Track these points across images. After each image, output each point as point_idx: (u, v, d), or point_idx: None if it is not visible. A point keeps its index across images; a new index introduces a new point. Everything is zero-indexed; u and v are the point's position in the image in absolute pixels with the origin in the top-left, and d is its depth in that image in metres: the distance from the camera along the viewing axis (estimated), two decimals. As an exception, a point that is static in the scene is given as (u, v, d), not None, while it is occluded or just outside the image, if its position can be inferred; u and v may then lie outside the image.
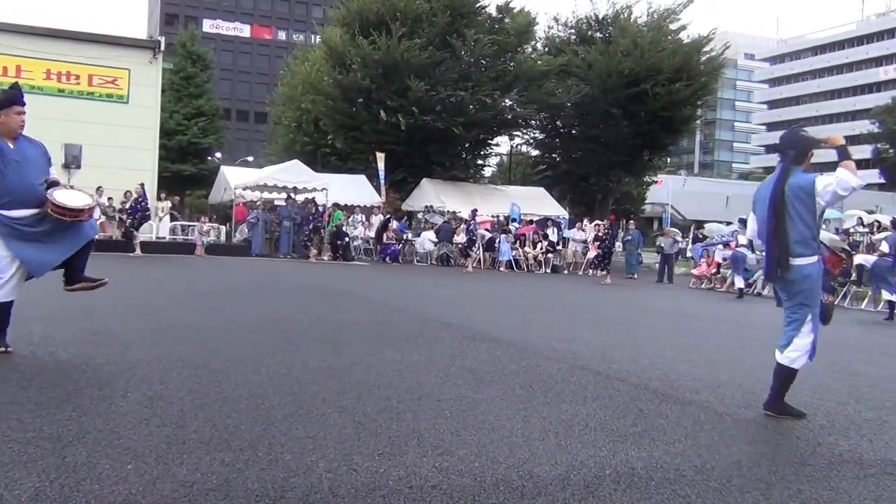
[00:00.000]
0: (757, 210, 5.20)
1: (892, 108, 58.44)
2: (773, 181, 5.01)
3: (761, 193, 5.15)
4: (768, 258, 5.00)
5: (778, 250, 4.90)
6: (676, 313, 13.18)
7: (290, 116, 41.32)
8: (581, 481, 3.42)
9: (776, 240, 4.91)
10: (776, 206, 4.90)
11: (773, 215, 4.91)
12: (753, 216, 5.33)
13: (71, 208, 5.39)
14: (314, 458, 3.51)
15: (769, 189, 5.01)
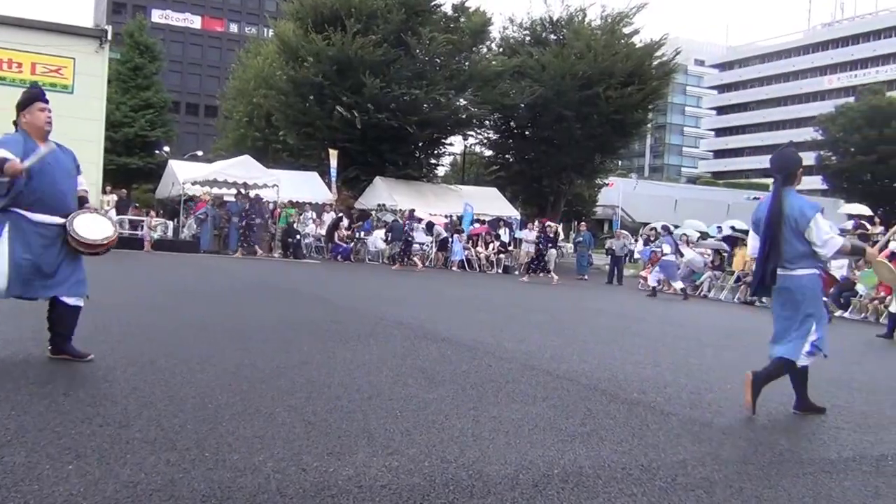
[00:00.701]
0: (758, 227, 5.44)
1: (836, 117, 59.82)
2: (769, 202, 5.26)
3: (760, 214, 5.40)
4: (758, 273, 5.28)
5: (767, 267, 5.18)
6: (625, 315, 13.33)
7: (242, 111, 40.91)
8: (530, 480, 3.44)
9: (768, 257, 5.18)
10: (773, 226, 5.16)
11: (768, 234, 5.18)
12: (753, 234, 5.57)
13: (89, 244, 5.23)
14: (262, 457, 3.47)
15: (766, 209, 5.27)
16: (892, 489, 3.81)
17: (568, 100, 31.29)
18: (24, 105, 5.23)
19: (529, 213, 35.16)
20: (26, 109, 5.21)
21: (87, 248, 5.22)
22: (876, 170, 55.06)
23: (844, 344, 11.28)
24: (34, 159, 4.94)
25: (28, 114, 5.20)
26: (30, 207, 5.07)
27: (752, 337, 11.22)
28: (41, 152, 5.00)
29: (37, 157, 4.96)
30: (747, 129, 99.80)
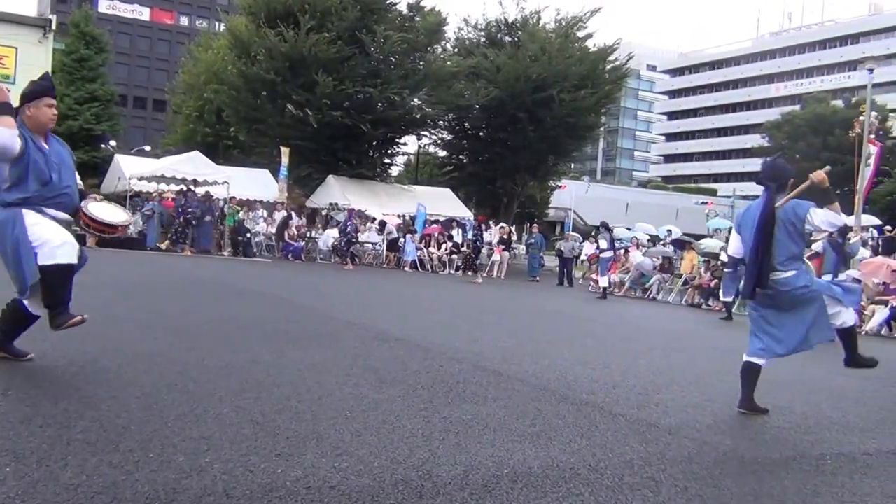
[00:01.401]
0: (743, 232, 5.65)
1: (782, 124, 61.10)
2: (761, 208, 5.47)
3: (747, 218, 5.64)
4: (749, 276, 5.48)
5: (759, 270, 5.38)
6: (576, 316, 13.46)
7: (191, 106, 40.32)
8: (479, 481, 3.45)
9: (759, 261, 5.38)
10: (765, 231, 5.37)
11: (761, 239, 5.37)
12: (738, 236, 5.78)
13: (109, 224, 4.98)
14: (209, 458, 3.42)
15: (757, 214, 5.48)
16: (831, 488, 3.91)
17: (522, 102, 31.45)
18: (32, 97, 4.78)
19: (484, 213, 35.27)
20: (32, 102, 4.76)
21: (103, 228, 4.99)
22: (820, 177, 56.42)
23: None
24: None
25: (34, 107, 4.76)
26: (48, 206, 4.77)
27: (700, 339, 11.42)
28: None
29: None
30: (697, 134, 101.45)
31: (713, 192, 72.24)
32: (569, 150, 36.77)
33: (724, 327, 14.01)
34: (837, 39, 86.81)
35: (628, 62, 35.67)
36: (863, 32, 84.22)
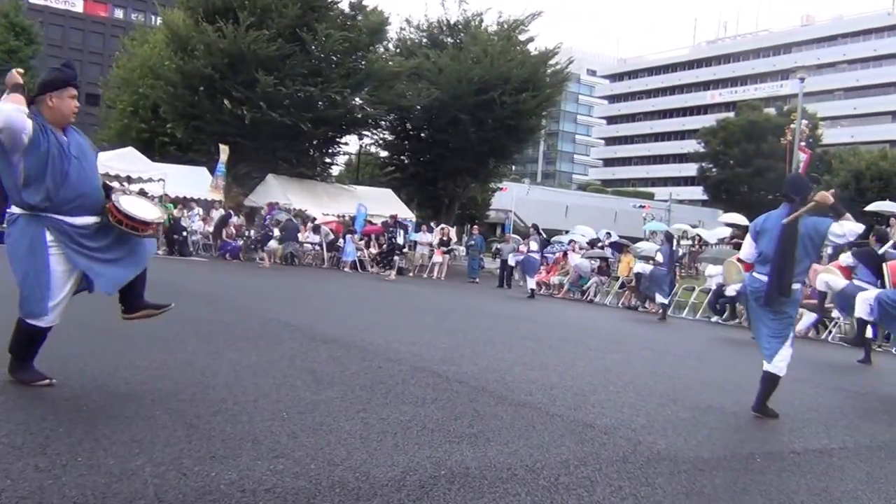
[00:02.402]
0: (762, 240, 5.96)
1: (717, 131, 62.40)
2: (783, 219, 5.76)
3: (768, 226, 5.95)
4: (771, 285, 5.74)
5: (783, 279, 5.69)
6: (515, 318, 13.54)
7: (126, 101, 39.37)
8: (416, 482, 3.44)
9: (785, 271, 5.69)
10: (788, 243, 5.70)
11: (785, 251, 5.70)
12: (752, 242, 6.10)
13: (142, 220, 4.66)
14: (140, 462, 3.34)
15: (778, 225, 5.78)
16: (759, 485, 4.01)
17: (464, 103, 31.56)
18: (54, 86, 4.43)
19: (424, 215, 35.29)
20: (55, 92, 4.41)
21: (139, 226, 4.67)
22: (752, 182, 57.76)
23: (719, 348, 11.80)
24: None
25: (56, 97, 4.42)
26: (70, 212, 4.39)
27: (635, 341, 11.60)
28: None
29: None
30: (635, 139, 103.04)
31: (650, 196, 73.49)
32: (510, 152, 37.05)
33: (660, 329, 14.25)
34: (771, 49, 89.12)
35: (569, 66, 36.12)
36: (795, 42, 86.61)
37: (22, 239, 4.34)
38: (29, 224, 4.35)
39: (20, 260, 4.36)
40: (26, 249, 4.33)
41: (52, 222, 4.35)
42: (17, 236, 4.37)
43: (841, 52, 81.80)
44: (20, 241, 4.35)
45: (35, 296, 4.38)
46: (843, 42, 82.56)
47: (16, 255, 4.37)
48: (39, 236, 4.34)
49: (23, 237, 4.34)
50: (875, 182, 49.74)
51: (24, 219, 4.36)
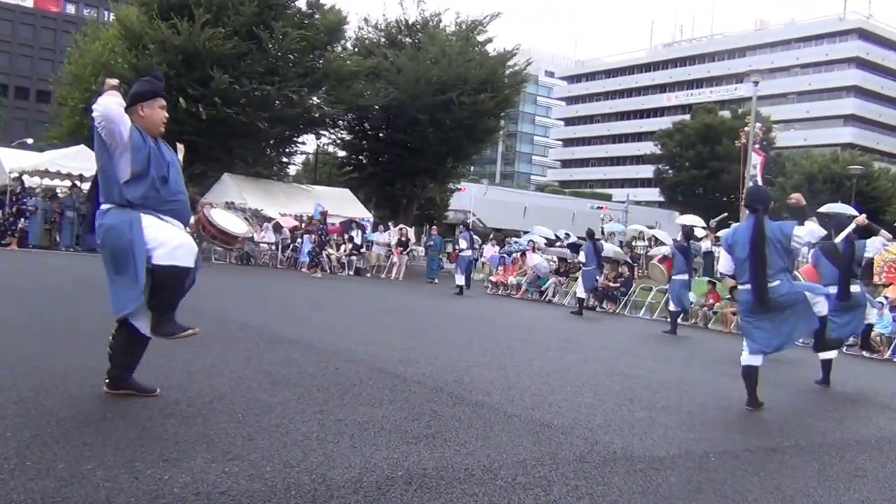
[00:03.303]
0: (736, 251, 6.47)
1: (673, 133, 63.09)
2: (751, 229, 6.30)
3: (738, 238, 6.46)
4: (756, 289, 6.24)
5: (760, 283, 6.21)
6: (474, 318, 13.57)
7: (78, 98, 38.56)
8: (373, 483, 3.43)
9: (759, 275, 6.21)
10: (758, 248, 6.22)
11: (756, 257, 6.22)
12: (728, 256, 6.61)
13: (231, 234, 4.56)
14: (91, 465, 3.28)
15: (748, 236, 6.31)
16: (714, 484, 4.06)
17: (422, 104, 31.53)
18: (145, 97, 4.51)
19: (382, 215, 35.18)
20: (146, 102, 4.50)
21: (225, 238, 4.59)
22: (708, 184, 58.53)
23: (676, 348, 11.94)
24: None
25: (147, 108, 4.50)
26: (166, 212, 4.46)
27: (594, 340, 11.69)
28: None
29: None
30: (593, 140, 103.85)
31: (608, 198, 74.10)
32: (468, 152, 37.08)
33: (618, 329, 14.38)
34: (726, 52, 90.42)
35: (527, 67, 36.24)
36: (749, 46, 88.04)
37: (122, 223, 4.32)
38: (125, 211, 4.35)
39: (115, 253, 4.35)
40: (125, 235, 4.31)
41: (149, 212, 4.39)
42: (113, 222, 4.34)
43: (794, 57, 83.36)
44: (118, 228, 4.32)
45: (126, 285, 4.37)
46: (796, 46, 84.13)
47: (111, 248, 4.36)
48: (136, 219, 4.34)
49: (122, 221, 4.32)
50: (827, 184, 50.84)
51: (117, 208, 4.36)
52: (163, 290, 4.44)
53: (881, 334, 13.49)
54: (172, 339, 4.62)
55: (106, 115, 4.22)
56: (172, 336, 4.57)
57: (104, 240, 4.38)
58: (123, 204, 4.35)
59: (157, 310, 4.51)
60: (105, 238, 4.37)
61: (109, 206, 4.39)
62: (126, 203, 4.35)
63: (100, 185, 4.45)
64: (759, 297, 6.24)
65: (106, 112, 4.22)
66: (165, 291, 4.45)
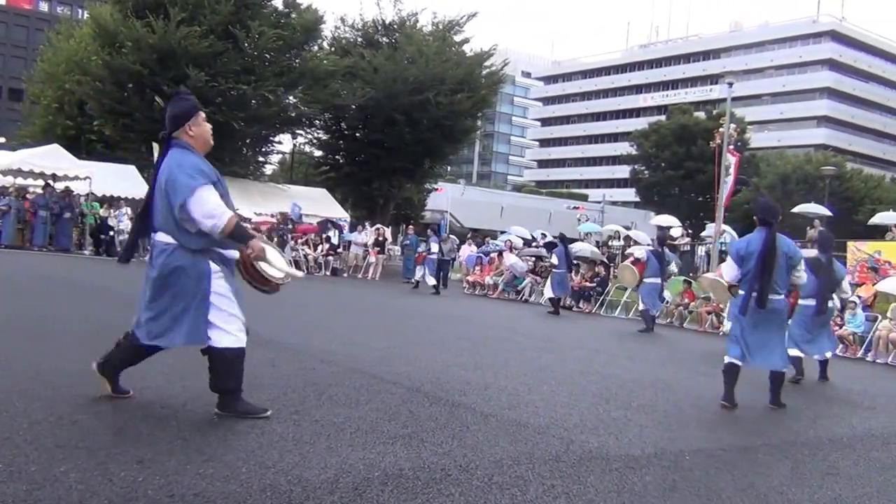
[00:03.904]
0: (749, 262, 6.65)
1: (649, 134, 63.39)
2: (764, 242, 6.59)
3: (752, 249, 6.67)
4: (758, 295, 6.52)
5: (764, 291, 6.50)
6: (451, 318, 13.57)
7: (51, 96, 38.20)
8: (350, 484, 3.42)
9: (763, 284, 6.52)
10: (768, 259, 6.54)
11: (765, 266, 6.53)
12: (735, 265, 6.82)
13: (267, 279, 4.50)
14: (64, 467, 3.25)
15: (760, 247, 6.59)
16: (687, 482, 4.09)
17: (399, 103, 31.50)
18: (189, 114, 4.47)
19: (359, 215, 35.10)
20: (191, 120, 4.45)
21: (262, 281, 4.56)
22: (683, 184, 58.86)
23: (651, 347, 12.01)
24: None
25: (194, 125, 4.46)
26: (227, 245, 4.44)
27: (570, 340, 11.74)
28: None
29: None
30: (569, 140, 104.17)
31: (584, 198, 74.36)
32: (445, 152, 37.09)
33: (593, 329, 14.44)
34: (701, 54, 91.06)
35: (504, 68, 36.30)
36: (724, 48, 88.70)
37: (188, 270, 4.32)
38: (193, 255, 4.33)
39: (181, 290, 4.33)
40: (194, 281, 4.33)
41: (216, 254, 4.41)
42: (179, 267, 4.33)
43: (768, 59, 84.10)
44: (186, 273, 4.32)
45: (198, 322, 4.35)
46: (770, 48, 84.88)
47: (176, 285, 4.33)
48: (205, 266, 4.36)
49: (189, 269, 4.33)
50: (801, 185, 51.36)
51: (182, 250, 4.33)
52: (226, 371, 4.45)
53: (854, 333, 13.66)
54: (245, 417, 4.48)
55: (213, 231, 4.24)
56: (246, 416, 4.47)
57: (168, 278, 4.36)
58: (194, 249, 4.34)
59: (222, 391, 4.49)
60: (170, 278, 4.35)
61: (171, 241, 4.35)
62: (196, 247, 4.34)
63: (158, 215, 4.39)
64: (759, 302, 6.52)
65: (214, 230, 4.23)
66: (229, 372, 4.46)
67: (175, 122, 4.44)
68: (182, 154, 4.35)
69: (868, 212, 35.45)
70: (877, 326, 13.49)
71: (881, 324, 13.48)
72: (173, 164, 4.30)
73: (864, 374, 11.25)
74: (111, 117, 30.10)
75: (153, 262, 4.41)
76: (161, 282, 4.36)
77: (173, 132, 4.43)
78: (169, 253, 4.33)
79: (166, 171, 4.30)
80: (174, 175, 4.23)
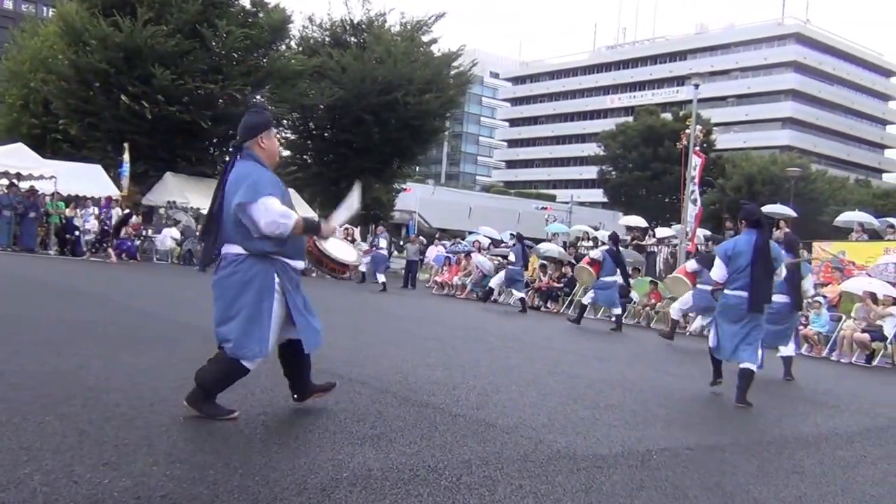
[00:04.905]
0: (739, 260, 7.04)
1: (616, 135, 63.81)
2: (757, 244, 7.00)
3: (740, 249, 7.08)
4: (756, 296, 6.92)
5: (766, 290, 6.97)
6: (420, 318, 13.58)
7: (15, 94, 37.60)
8: (318, 485, 3.41)
9: (766, 283, 6.97)
10: (763, 262, 6.95)
11: (764, 270, 6.95)
12: (723, 265, 7.16)
13: (342, 262, 4.56)
14: (28, 469, 3.21)
15: (751, 248, 7.00)
16: (655, 481, 4.13)
17: (367, 103, 31.47)
18: (262, 128, 4.57)
19: (327, 215, 34.88)
20: (263, 134, 4.56)
21: (335, 267, 4.57)
22: (650, 185, 59.37)
23: (619, 347, 12.11)
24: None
25: (266, 138, 4.57)
26: (294, 255, 4.56)
27: (539, 340, 11.79)
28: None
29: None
30: (537, 141, 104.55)
31: (552, 198, 74.70)
32: (414, 153, 37.13)
33: (562, 328, 14.51)
34: (667, 55, 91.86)
35: (472, 68, 36.40)
36: (690, 50, 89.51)
37: (252, 280, 4.40)
38: (260, 265, 4.42)
39: (245, 300, 4.39)
40: (255, 292, 4.39)
41: (281, 266, 4.49)
42: (244, 276, 4.40)
43: (733, 61, 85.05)
44: (250, 282, 4.39)
45: (255, 336, 4.42)
46: (736, 50, 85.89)
47: (239, 295, 4.39)
48: (270, 280, 4.44)
49: (253, 278, 4.40)
50: (766, 186, 51.97)
51: (252, 260, 4.41)
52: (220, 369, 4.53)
53: (818, 333, 13.86)
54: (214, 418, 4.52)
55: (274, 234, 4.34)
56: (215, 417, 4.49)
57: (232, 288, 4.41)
58: (257, 253, 4.42)
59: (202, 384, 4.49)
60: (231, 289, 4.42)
61: (240, 251, 4.42)
62: (262, 252, 4.42)
63: (228, 226, 4.44)
64: (757, 302, 6.93)
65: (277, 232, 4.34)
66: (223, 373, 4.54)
67: (249, 132, 4.55)
68: (252, 166, 4.46)
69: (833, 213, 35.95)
70: (841, 326, 13.68)
71: (845, 324, 13.67)
72: (243, 173, 4.41)
73: (828, 373, 11.42)
74: (77, 116, 29.75)
75: (220, 271, 4.49)
76: (227, 289, 4.43)
77: (245, 142, 4.55)
78: (239, 263, 4.42)
79: (234, 179, 4.41)
80: (241, 182, 4.35)
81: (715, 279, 7.44)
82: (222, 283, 4.43)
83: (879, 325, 12.99)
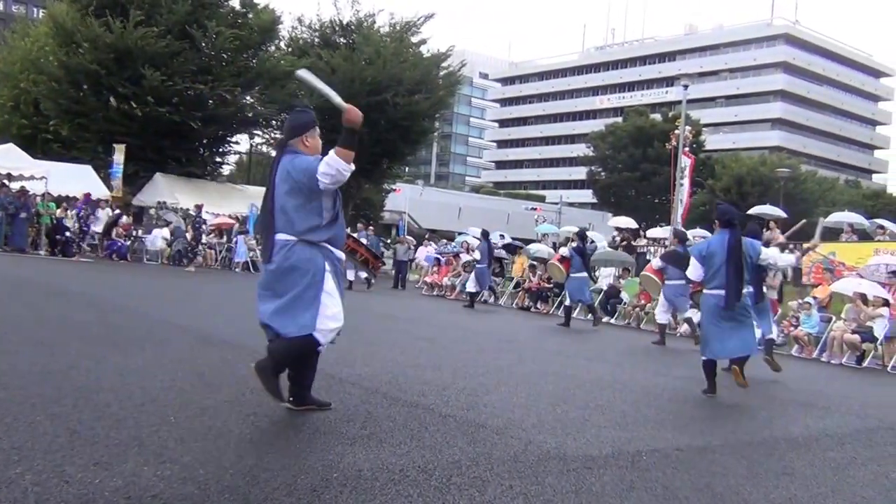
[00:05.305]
0: (714, 260, 7.33)
1: (606, 135, 63.87)
2: (729, 243, 7.28)
3: (714, 249, 7.39)
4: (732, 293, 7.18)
5: (736, 289, 7.21)
6: (409, 319, 13.58)
7: (6, 95, 37.42)
8: (308, 485, 3.43)
9: (737, 282, 7.22)
10: (737, 259, 7.25)
11: (735, 268, 7.22)
12: (699, 265, 7.49)
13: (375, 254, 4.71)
14: (19, 469, 3.21)
15: (724, 248, 7.29)
16: (645, 482, 4.15)
17: (356, 104, 30.84)
18: (307, 127, 4.84)
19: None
20: (307, 133, 4.82)
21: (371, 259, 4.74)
22: (640, 186, 59.44)
23: (609, 347, 12.15)
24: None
25: (310, 137, 4.83)
26: (339, 245, 4.83)
27: (529, 341, 11.82)
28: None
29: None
30: (527, 142, 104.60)
31: (542, 199, 74.67)
32: (403, 153, 37.10)
33: (550, 329, 14.54)
34: (656, 56, 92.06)
35: (461, 69, 36.40)
36: (679, 51, 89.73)
37: (308, 261, 4.61)
38: (309, 250, 4.64)
39: (304, 281, 4.60)
40: (311, 274, 4.61)
41: (329, 253, 4.72)
42: (298, 260, 4.61)
43: (723, 61, 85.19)
44: (307, 262, 4.61)
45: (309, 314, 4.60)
46: (725, 51, 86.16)
47: (299, 277, 4.60)
48: (322, 262, 4.66)
49: (308, 260, 4.62)
50: (756, 187, 52.15)
51: (302, 245, 4.63)
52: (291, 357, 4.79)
53: (809, 334, 13.92)
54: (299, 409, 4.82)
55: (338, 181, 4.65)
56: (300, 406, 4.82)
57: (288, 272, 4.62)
58: (308, 241, 4.64)
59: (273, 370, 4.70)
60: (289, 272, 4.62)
61: (291, 238, 4.64)
62: (315, 239, 4.65)
63: (279, 217, 4.66)
64: (731, 300, 7.15)
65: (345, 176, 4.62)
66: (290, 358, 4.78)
67: (294, 131, 4.82)
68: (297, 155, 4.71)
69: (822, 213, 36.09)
70: (831, 327, 13.71)
71: (836, 325, 13.69)
72: (289, 163, 4.68)
73: (819, 374, 11.45)
74: (67, 117, 29.66)
75: (273, 257, 4.67)
76: (280, 275, 4.64)
77: (290, 140, 4.79)
78: (289, 248, 4.62)
79: (284, 172, 4.66)
80: (296, 166, 4.63)
81: (692, 279, 7.80)
82: (278, 270, 4.63)
83: (869, 326, 13.03)
